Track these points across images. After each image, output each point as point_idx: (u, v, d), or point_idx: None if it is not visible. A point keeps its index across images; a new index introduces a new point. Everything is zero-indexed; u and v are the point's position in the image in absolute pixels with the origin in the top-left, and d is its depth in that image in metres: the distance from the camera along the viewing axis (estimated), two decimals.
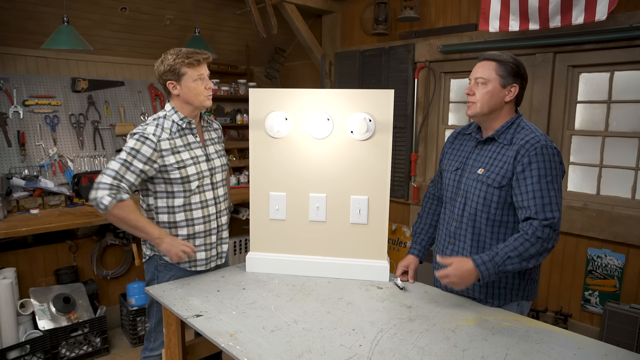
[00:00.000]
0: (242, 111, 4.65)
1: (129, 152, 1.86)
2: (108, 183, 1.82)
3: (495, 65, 1.71)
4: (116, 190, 1.82)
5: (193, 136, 2.03)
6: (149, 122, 1.96)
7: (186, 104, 1.99)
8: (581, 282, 3.02)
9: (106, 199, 1.80)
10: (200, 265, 2.09)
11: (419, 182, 3.83)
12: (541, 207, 1.61)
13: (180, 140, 1.98)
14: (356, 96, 1.96)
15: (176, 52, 1.94)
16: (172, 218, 2.00)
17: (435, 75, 3.67)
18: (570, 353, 1.42)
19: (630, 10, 2.66)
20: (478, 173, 1.76)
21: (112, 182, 1.83)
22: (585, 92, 3.03)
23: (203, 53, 1.96)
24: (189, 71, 1.92)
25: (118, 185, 1.83)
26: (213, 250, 2.12)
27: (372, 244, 2.02)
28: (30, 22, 3.30)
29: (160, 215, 2.00)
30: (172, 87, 1.95)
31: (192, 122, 2.02)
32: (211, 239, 2.10)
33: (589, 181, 3.06)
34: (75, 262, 3.31)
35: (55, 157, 3.52)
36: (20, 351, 2.75)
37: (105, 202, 1.80)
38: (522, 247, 1.60)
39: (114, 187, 1.82)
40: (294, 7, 3.99)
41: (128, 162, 1.85)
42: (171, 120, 1.97)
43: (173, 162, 1.93)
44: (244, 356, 1.38)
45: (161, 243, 1.93)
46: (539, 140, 1.65)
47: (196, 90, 1.95)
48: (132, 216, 1.87)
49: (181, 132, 1.99)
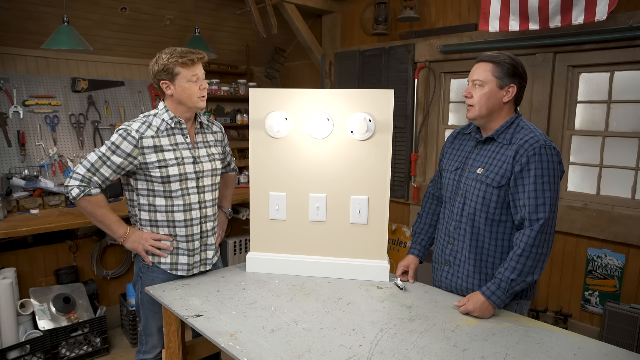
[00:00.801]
0: (242, 111, 4.65)
1: (109, 147, 1.87)
2: (81, 174, 1.86)
3: (491, 67, 1.71)
4: (86, 184, 1.86)
5: (182, 137, 1.97)
6: (137, 119, 1.94)
7: (179, 104, 1.94)
8: (581, 282, 3.02)
9: (75, 190, 1.85)
10: (182, 270, 2.01)
11: (419, 182, 3.83)
12: (534, 207, 1.62)
13: (167, 139, 1.93)
14: (356, 96, 1.96)
15: (170, 51, 1.90)
16: (153, 216, 1.97)
17: (435, 75, 3.67)
18: (570, 353, 1.42)
19: (630, 10, 2.66)
20: (477, 173, 1.76)
21: (85, 174, 1.86)
22: (585, 92, 3.03)
23: (198, 53, 1.91)
24: (182, 71, 1.88)
25: (90, 179, 1.86)
26: (196, 257, 2.03)
27: (372, 244, 2.02)
28: (30, 22, 3.30)
29: (142, 212, 1.98)
30: (166, 87, 1.92)
31: (182, 122, 1.97)
32: (194, 245, 2.01)
33: (589, 181, 3.06)
34: (75, 262, 3.31)
35: (55, 157, 3.52)
36: (20, 351, 2.75)
37: (73, 194, 1.86)
38: (520, 264, 1.62)
39: (85, 180, 1.86)
40: (294, 7, 3.99)
41: (106, 157, 1.86)
42: (161, 119, 1.94)
43: (154, 160, 1.89)
44: (244, 356, 1.38)
45: (126, 241, 1.95)
46: (538, 140, 1.65)
47: (190, 91, 1.90)
48: (99, 212, 1.91)
49: (169, 131, 1.94)
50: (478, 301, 1.65)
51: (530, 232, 1.61)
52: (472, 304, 1.66)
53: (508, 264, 1.64)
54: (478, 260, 1.78)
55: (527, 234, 1.62)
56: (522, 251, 1.61)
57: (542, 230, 1.61)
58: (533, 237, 1.60)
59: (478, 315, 1.65)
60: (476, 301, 1.66)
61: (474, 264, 1.79)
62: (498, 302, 1.64)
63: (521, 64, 1.74)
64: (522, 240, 1.62)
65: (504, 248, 1.75)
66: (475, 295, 1.68)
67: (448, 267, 1.88)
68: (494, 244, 1.75)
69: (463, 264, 1.82)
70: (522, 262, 1.61)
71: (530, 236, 1.61)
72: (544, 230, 1.61)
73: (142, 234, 1.97)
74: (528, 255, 1.61)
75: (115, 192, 3.61)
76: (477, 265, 1.78)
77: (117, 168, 1.87)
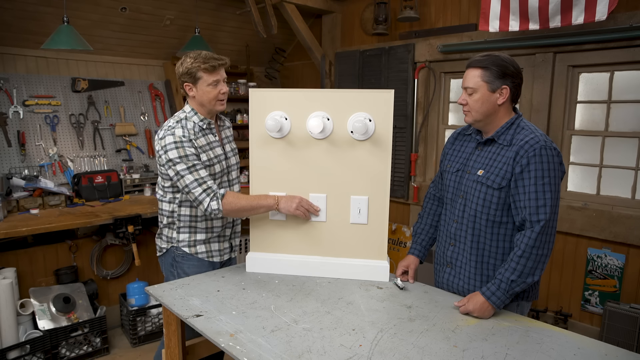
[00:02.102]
0: (242, 111, 4.65)
1: (181, 159, 1.93)
2: (201, 191, 1.93)
3: (480, 72, 1.71)
4: (212, 192, 1.94)
5: (213, 135, 2.12)
6: (173, 125, 2.01)
7: (201, 106, 2.08)
8: (581, 282, 3.02)
9: (212, 205, 1.93)
10: (216, 256, 2.18)
11: (419, 182, 3.83)
12: (535, 209, 1.62)
13: (204, 139, 2.07)
14: (356, 96, 1.95)
15: (195, 55, 2.01)
16: (193, 212, 2.09)
17: (435, 75, 3.67)
18: (570, 353, 1.42)
19: (630, 10, 2.66)
20: (478, 174, 1.76)
21: (202, 187, 1.94)
22: (585, 92, 3.03)
23: (220, 59, 2.03)
24: (204, 76, 2.00)
25: (209, 187, 1.94)
26: (226, 243, 2.22)
27: (372, 244, 2.02)
28: (31, 22, 3.30)
29: (183, 208, 2.08)
30: (189, 89, 2.05)
31: (211, 123, 2.12)
32: (225, 232, 2.21)
33: (589, 181, 3.06)
34: (75, 262, 3.31)
35: (55, 157, 3.52)
36: (20, 351, 2.75)
37: (214, 207, 1.93)
38: (520, 265, 1.62)
39: (208, 190, 1.93)
40: (294, 7, 3.99)
41: (191, 166, 1.94)
42: (192, 122, 2.06)
43: (205, 160, 2.03)
44: (244, 356, 1.38)
45: (279, 205, 1.97)
46: (538, 141, 1.65)
47: (210, 95, 2.03)
48: (242, 202, 1.97)
49: (203, 132, 2.08)
50: (478, 302, 1.65)
51: (531, 234, 1.61)
52: (472, 304, 1.66)
53: (508, 265, 1.64)
54: (479, 262, 1.78)
55: (527, 235, 1.62)
56: (522, 252, 1.61)
57: (542, 232, 1.60)
58: (534, 239, 1.60)
59: (478, 315, 1.65)
60: (476, 302, 1.66)
61: (476, 265, 1.79)
62: (498, 302, 1.64)
63: (512, 62, 1.71)
64: (523, 241, 1.62)
65: (505, 249, 1.75)
66: (475, 295, 1.68)
67: (450, 268, 1.88)
68: (495, 246, 1.75)
69: (464, 265, 1.82)
70: (522, 263, 1.61)
71: (531, 237, 1.61)
72: (545, 232, 1.61)
73: (291, 197, 2.00)
74: (528, 257, 1.61)
75: (115, 192, 3.61)
76: (478, 266, 1.78)
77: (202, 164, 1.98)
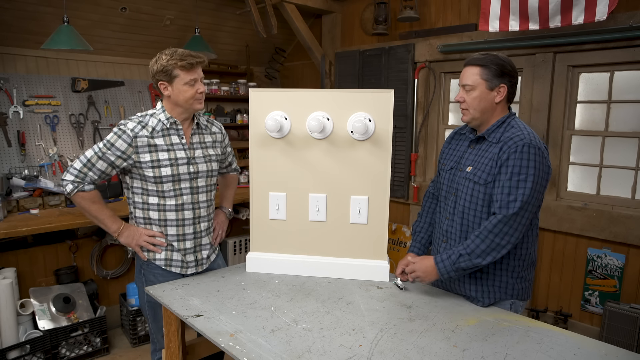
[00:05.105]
0: (242, 111, 4.65)
1: (104, 144, 1.90)
2: (77, 169, 1.90)
3: (479, 70, 1.73)
4: (81, 180, 1.91)
5: (178, 137, 1.98)
6: (133, 117, 1.97)
7: (176, 106, 1.96)
8: (581, 282, 3.02)
9: (69, 186, 1.91)
10: (176, 267, 2.03)
11: (419, 182, 3.83)
12: (506, 203, 1.64)
13: (163, 139, 1.95)
14: (356, 96, 1.95)
15: (171, 53, 1.90)
16: (146, 214, 2.00)
17: (435, 75, 3.67)
18: (570, 353, 1.42)
19: (630, 10, 2.66)
20: (467, 171, 1.79)
21: (81, 168, 1.90)
22: (585, 92, 3.03)
23: (198, 57, 1.92)
24: (181, 74, 1.89)
25: (85, 174, 1.90)
26: (190, 256, 2.05)
27: (372, 244, 2.02)
28: (31, 22, 3.30)
29: (137, 210, 2.02)
30: (164, 88, 1.93)
31: (177, 123, 1.98)
32: (185, 244, 2.03)
33: (589, 181, 3.06)
34: (75, 262, 3.31)
35: (55, 157, 3.52)
36: (20, 351, 2.75)
37: (67, 189, 1.91)
38: (473, 244, 1.66)
39: (81, 175, 1.90)
40: (294, 7, 3.99)
41: (102, 152, 1.90)
42: (157, 119, 1.96)
43: (148, 160, 1.91)
44: (244, 356, 1.38)
45: (120, 236, 1.98)
46: (523, 139, 1.66)
47: (186, 94, 1.91)
48: (93, 207, 1.95)
49: (165, 131, 1.96)
50: (425, 263, 1.75)
51: (493, 219, 1.65)
52: (420, 265, 1.76)
53: (465, 242, 1.70)
54: None
55: (490, 220, 1.66)
56: (479, 233, 1.66)
57: (504, 221, 1.63)
58: (493, 224, 1.64)
59: (421, 275, 1.76)
60: (426, 264, 1.75)
61: None
62: (442, 270, 1.71)
63: (509, 61, 1.75)
64: (484, 224, 1.67)
65: None
66: (427, 258, 1.76)
67: None
68: None
69: None
70: (475, 243, 1.66)
71: (492, 222, 1.65)
72: (507, 223, 1.63)
73: (136, 230, 2.00)
74: (483, 239, 1.65)
75: (115, 192, 3.61)
76: None
77: (112, 164, 1.91)
